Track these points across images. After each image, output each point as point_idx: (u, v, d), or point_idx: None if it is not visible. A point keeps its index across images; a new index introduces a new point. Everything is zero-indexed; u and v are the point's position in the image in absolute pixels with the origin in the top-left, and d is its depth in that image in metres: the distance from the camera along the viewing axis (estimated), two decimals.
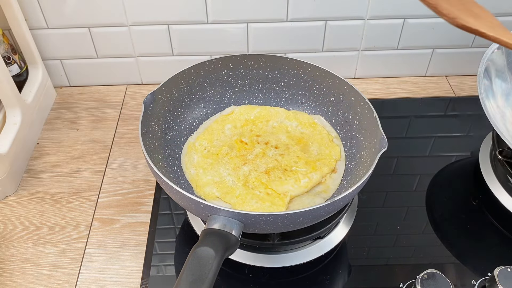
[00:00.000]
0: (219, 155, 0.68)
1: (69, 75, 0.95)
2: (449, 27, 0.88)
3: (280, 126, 0.73)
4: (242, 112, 0.74)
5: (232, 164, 0.67)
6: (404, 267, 0.65)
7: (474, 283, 0.62)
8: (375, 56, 0.94)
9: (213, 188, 0.64)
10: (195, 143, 0.71)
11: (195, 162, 0.68)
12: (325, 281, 0.64)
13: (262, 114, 0.74)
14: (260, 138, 0.70)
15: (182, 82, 0.70)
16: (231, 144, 0.70)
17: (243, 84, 0.75)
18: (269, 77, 0.74)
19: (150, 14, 0.85)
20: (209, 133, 0.72)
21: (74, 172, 0.80)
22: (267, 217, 0.48)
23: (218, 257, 0.44)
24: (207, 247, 0.45)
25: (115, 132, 0.87)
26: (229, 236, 0.47)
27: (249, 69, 0.73)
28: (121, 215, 0.73)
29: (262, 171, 0.65)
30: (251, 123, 0.73)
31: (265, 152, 0.68)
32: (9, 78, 0.75)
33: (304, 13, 0.86)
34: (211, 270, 0.43)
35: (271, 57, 0.71)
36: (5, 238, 0.70)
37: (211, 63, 0.71)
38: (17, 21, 0.80)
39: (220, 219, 0.49)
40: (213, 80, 0.73)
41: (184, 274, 0.43)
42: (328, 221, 0.63)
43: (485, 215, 0.72)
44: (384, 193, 0.76)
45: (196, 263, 0.44)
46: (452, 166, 0.80)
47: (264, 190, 0.63)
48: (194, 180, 0.66)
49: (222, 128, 0.73)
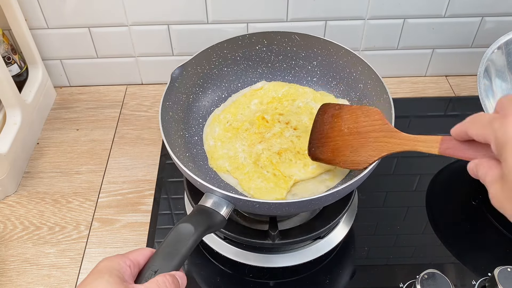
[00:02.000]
0: (239, 130, 0.69)
1: (69, 75, 0.95)
2: (449, 27, 0.89)
3: (305, 107, 0.72)
4: (271, 88, 0.74)
5: (249, 141, 0.68)
6: (404, 267, 0.65)
7: (474, 283, 0.62)
8: (375, 56, 0.94)
9: (225, 162, 0.66)
10: (220, 115, 0.72)
11: (215, 134, 0.70)
12: (325, 281, 0.64)
13: (290, 92, 0.74)
14: (282, 117, 0.70)
15: (214, 55, 0.72)
16: (252, 120, 0.70)
17: (276, 60, 0.75)
18: (302, 55, 0.74)
19: (150, 14, 0.85)
20: (235, 107, 0.73)
21: (74, 172, 0.80)
22: (253, 202, 0.52)
23: (196, 234, 0.47)
24: (189, 223, 0.48)
25: (115, 132, 0.87)
26: (216, 215, 0.51)
27: (283, 45, 0.73)
28: (121, 215, 0.73)
29: (275, 151, 0.65)
30: (277, 101, 0.73)
31: (282, 132, 0.68)
32: (9, 78, 0.75)
33: (304, 13, 0.86)
34: (186, 245, 0.46)
35: (305, 36, 0.71)
36: (5, 238, 0.70)
37: (244, 38, 0.72)
38: (17, 21, 0.80)
39: (213, 197, 0.52)
40: (246, 54, 0.74)
41: (162, 246, 0.46)
42: (328, 221, 0.63)
43: (485, 215, 0.72)
44: (384, 193, 0.76)
45: (174, 238, 0.47)
46: (452, 166, 0.80)
47: (272, 171, 0.64)
48: (210, 151, 0.68)
49: (249, 102, 0.73)
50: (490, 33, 0.89)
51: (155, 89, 0.96)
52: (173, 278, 0.43)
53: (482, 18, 0.88)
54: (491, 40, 0.74)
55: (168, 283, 0.42)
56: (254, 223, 0.64)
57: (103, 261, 0.43)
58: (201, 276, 0.65)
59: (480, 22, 0.88)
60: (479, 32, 0.90)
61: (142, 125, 0.88)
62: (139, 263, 0.45)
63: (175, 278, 0.43)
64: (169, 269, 0.44)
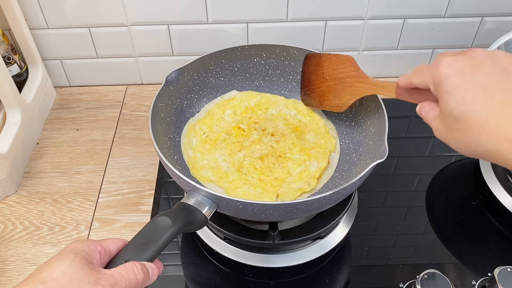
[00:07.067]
0: (217, 141, 0.69)
1: (69, 75, 0.95)
2: (449, 27, 0.89)
3: (278, 114, 0.73)
4: (243, 99, 0.75)
5: (229, 150, 0.68)
6: (404, 267, 0.65)
7: (474, 283, 0.62)
8: (375, 56, 0.94)
9: (208, 172, 0.66)
10: (195, 125, 0.72)
11: (193, 145, 0.70)
12: (325, 281, 0.64)
13: (262, 101, 0.75)
14: (258, 125, 0.71)
15: (212, 64, 0.72)
16: (229, 131, 0.70)
17: (273, 74, 0.75)
18: (300, 71, 0.74)
19: (150, 14, 0.85)
20: (209, 118, 0.73)
21: (74, 172, 0.80)
22: (236, 202, 0.51)
23: (173, 229, 0.46)
24: (167, 217, 0.47)
25: (115, 132, 0.87)
26: (197, 214, 0.51)
27: (281, 60, 0.74)
28: (121, 215, 0.73)
29: (257, 157, 0.66)
30: (250, 111, 0.74)
31: (261, 139, 0.68)
32: (9, 78, 0.75)
33: (304, 13, 0.86)
34: (161, 238, 0.45)
35: (303, 50, 0.71)
36: (5, 238, 0.70)
37: (243, 49, 0.72)
38: (17, 21, 0.80)
39: (196, 196, 0.52)
40: (244, 66, 0.74)
41: (136, 236, 0.45)
42: (328, 221, 0.63)
43: (485, 215, 0.72)
44: (384, 193, 0.76)
45: (151, 229, 0.46)
46: (452, 166, 0.80)
47: (257, 176, 0.64)
48: (191, 162, 0.68)
49: (223, 113, 0.73)
50: (490, 33, 0.90)
51: (155, 89, 0.94)
52: (143, 267, 0.42)
53: (482, 18, 0.88)
54: (491, 40, 0.73)
55: (137, 270, 0.41)
56: (254, 223, 0.64)
57: (72, 243, 0.42)
58: (201, 276, 0.65)
59: (480, 22, 0.88)
60: (479, 32, 0.90)
61: (142, 125, 0.88)
62: (110, 251, 0.43)
63: (144, 267, 0.42)
64: (140, 259, 0.43)
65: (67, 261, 0.39)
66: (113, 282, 0.39)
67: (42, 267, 0.39)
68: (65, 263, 0.39)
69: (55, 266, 0.39)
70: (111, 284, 0.39)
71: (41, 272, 0.38)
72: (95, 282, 0.38)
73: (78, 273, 0.38)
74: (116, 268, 0.41)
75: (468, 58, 0.41)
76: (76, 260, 0.39)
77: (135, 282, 0.41)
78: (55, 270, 0.38)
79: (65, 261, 0.39)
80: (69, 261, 0.39)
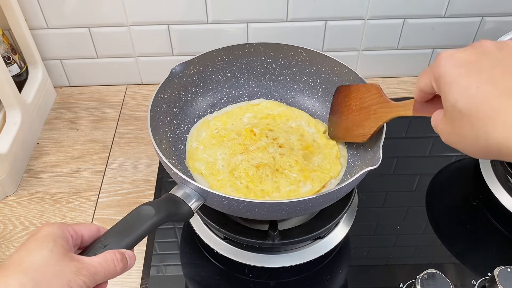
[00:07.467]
0: (225, 138, 0.69)
1: (69, 75, 0.95)
2: (449, 27, 0.89)
3: (297, 127, 0.72)
4: (268, 106, 0.74)
5: (231, 150, 0.68)
6: (404, 267, 0.65)
7: (474, 283, 0.62)
8: (375, 56, 0.94)
9: (202, 165, 0.66)
10: (210, 121, 0.72)
11: (201, 138, 0.70)
12: (325, 281, 0.64)
13: (285, 113, 0.74)
14: (272, 133, 0.69)
15: (219, 59, 0.72)
16: (240, 131, 0.70)
17: (280, 73, 0.75)
18: (306, 71, 0.73)
19: (150, 14, 0.85)
20: (228, 116, 0.73)
21: (74, 172, 0.80)
22: (222, 198, 0.51)
23: (155, 218, 0.46)
24: (151, 206, 0.47)
25: (115, 132, 0.87)
26: (183, 206, 0.51)
27: (288, 59, 0.73)
28: (121, 215, 0.72)
29: (254, 164, 0.65)
30: (271, 118, 0.73)
31: (267, 147, 0.67)
32: (9, 78, 0.75)
33: (304, 13, 0.86)
34: (143, 226, 0.45)
35: (311, 51, 0.71)
36: (5, 238, 0.70)
37: (251, 46, 0.72)
38: (17, 21, 0.80)
39: (184, 188, 0.53)
40: (252, 63, 0.74)
41: (119, 222, 0.46)
42: (328, 221, 0.63)
43: (485, 215, 0.72)
44: (384, 193, 0.76)
45: (133, 217, 0.46)
46: (452, 166, 0.80)
47: (246, 183, 0.63)
48: (190, 152, 0.68)
49: (242, 114, 0.73)
50: (490, 33, 0.90)
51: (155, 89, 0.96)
52: (122, 256, 0.42)
53: (482, 18, 0.88)
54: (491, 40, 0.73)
55: (116, 261, 0.42)
56: (254, 223, 0.64)
57: (46, 227, 0.41)
58: (201, 276, 0.65)
59: (480, 22, 0.88)
60: (479, 32, 0.90)
61: (142, 125, 0.88)
62: (82, 236, 0.43)
63: (124, 257, 0.42)
64: (120, 246, 0.43)
65: (46, 250, 0.39)
66: (93, 272, 0.40)
67: (21, 256, 0.39)
68: (44, 251, 0.38)
69: (33, 255, 0.38)
70: (91, 273, 0.40)
71: (20, 260, 0.38)
72: (76, 272, 0.38)
73: (59, 263, 0.38)
74: (96, 257, 0.41)
75: (472, 47, 0.38)
76: (54, 250, 0.39)
77: (114, 272, 0.42)
78: (35, 260, 0.38)
79: (44, 249, 0.39)
80: (48, 250, 0.39)
